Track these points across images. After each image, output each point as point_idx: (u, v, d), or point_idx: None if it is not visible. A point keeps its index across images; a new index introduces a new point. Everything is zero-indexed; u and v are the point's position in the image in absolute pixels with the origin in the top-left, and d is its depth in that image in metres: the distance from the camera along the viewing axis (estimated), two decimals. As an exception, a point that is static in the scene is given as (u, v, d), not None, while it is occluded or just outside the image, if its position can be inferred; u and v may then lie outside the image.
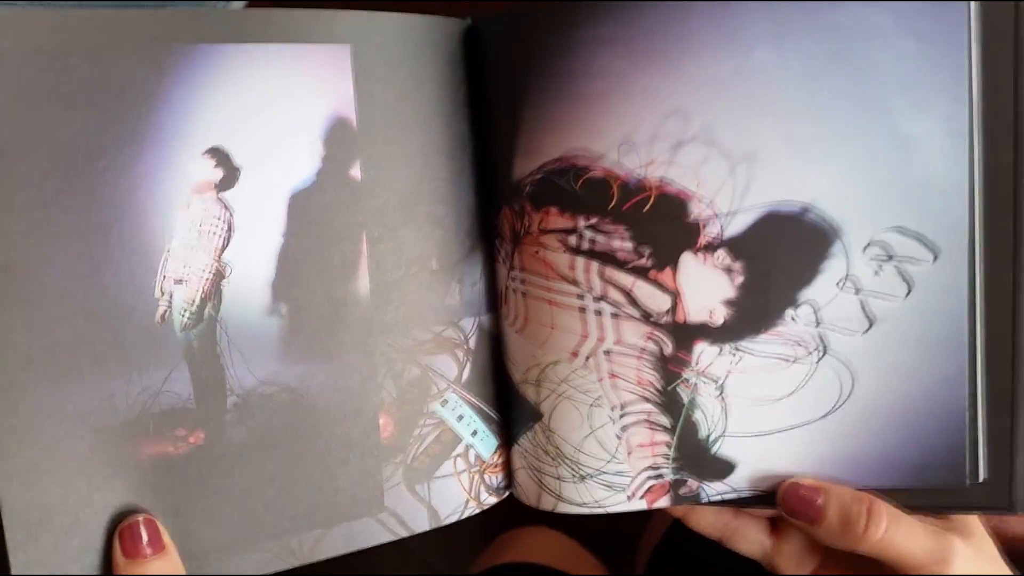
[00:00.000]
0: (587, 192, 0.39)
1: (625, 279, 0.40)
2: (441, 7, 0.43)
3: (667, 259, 0.39)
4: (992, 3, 0.36)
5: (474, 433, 0.45)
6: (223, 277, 0.39)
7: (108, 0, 0.38)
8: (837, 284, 0.39)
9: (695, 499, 0.42)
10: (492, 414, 0.45)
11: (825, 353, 0.39)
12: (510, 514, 0.40)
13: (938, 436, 0.40)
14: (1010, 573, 0.41)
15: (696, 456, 0.41)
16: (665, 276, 0.39)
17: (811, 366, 0.40)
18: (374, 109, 0.40)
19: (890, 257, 0.38)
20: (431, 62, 0.41)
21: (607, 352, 0.41)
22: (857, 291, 0.39)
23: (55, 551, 0.38)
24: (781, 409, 0.40)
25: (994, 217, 0.38)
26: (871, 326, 0.39)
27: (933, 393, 0.40)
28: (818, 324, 0.39)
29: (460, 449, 0.44)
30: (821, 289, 0.39)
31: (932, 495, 0.41)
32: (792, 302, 0.39)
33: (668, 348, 0.40)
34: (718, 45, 0.37)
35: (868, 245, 0.38)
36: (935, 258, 0.38)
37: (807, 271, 0.39)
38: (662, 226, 0.39)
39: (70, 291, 0.37)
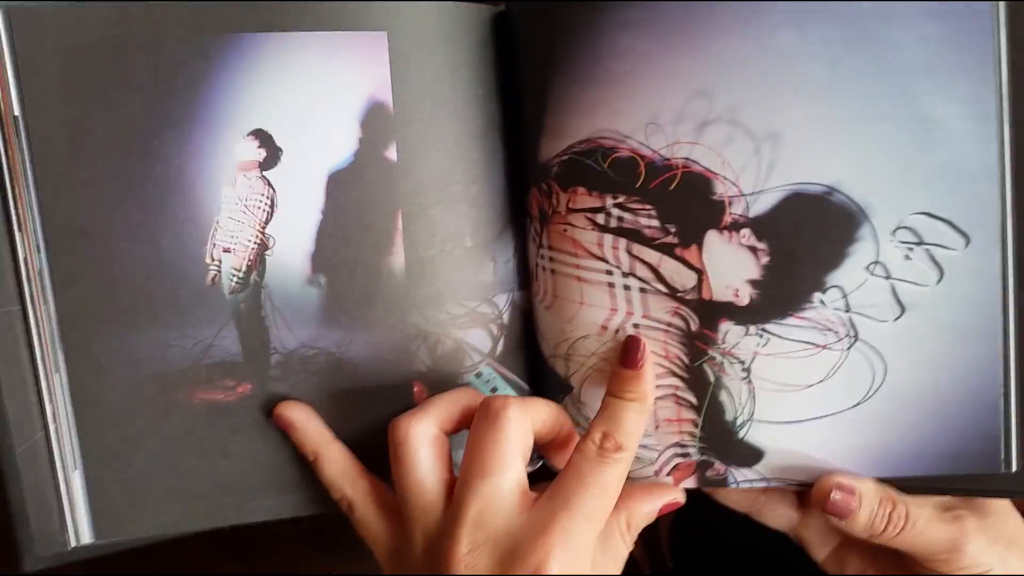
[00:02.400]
0: (615, 171, 0.45)
1: (652, 255, 0.45)
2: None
3: (693, 236, 0.44)
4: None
5: (507, 406, 0.50)
6: (267, 248, 0.47)
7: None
8: (867, 268, 0.43)
9: (722, 483, 0.47)
10: (525, 387, 0.51)
11: (856, 339, 0.43)
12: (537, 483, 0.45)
13: (972, 425, 0.44)
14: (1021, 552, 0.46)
15: (723, 438, 0.46)
16: (691, 253, 0.44)
17: (841, 353, 0.44)
18: (409, 93, 0.47)
19: (920, 242, 0.42)
20: (463, 47, 0.48)
21: (636, 326, 0.46)
22: (887, 276, 0.43)
23: (123, 474, 0.48)
24: (811, 397, 0.45)
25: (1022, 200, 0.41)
26: (903, 312, 0.43)
27: (967, 382, 0.43)
28: (847, 309, 0.43)
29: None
30: (849, 273, 0.43)
31: (964, 480, 0.45)
32: (819, 285, 0.43)
33: (694, 324, 0.45)
34: (741, 27, 0.42)
35: (897, 229, 0.42)
36: (967, 243, 0.42)
37: (834, 254, 0.43)
38: (688, 204, 0.44)
39: (130, 254, 0.46)
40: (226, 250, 0.47)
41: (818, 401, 0.44)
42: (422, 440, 0.45)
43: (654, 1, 0.43)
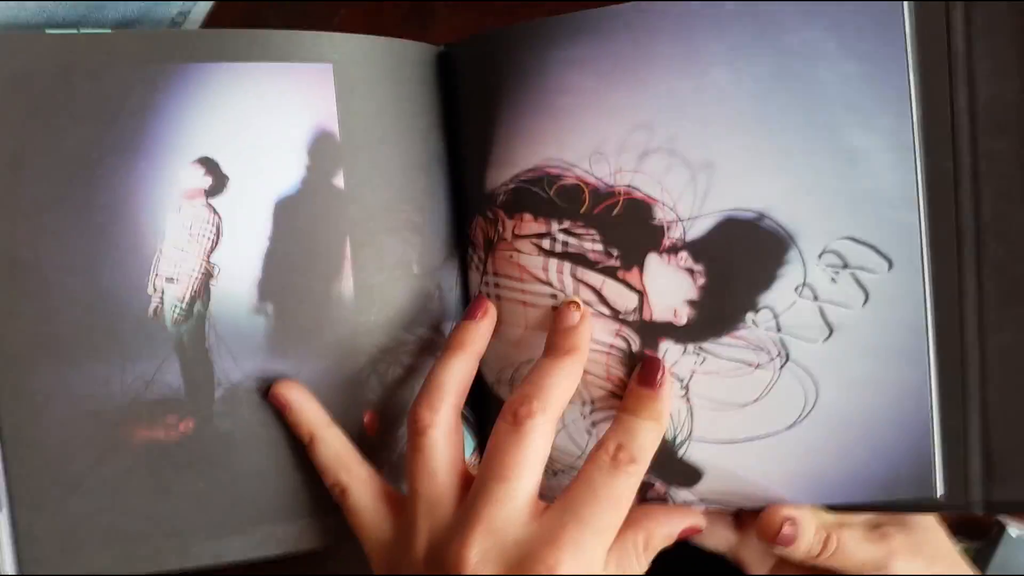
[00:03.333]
0: (560, 198, 0.48)
1: (595, 278, 0.48)
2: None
3: (634, 259, 0.47)
4: (925, 22, 0.44)
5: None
6: (211, 277, 0.48)
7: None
8: (795, 290, 0.46)
9: (662, 503, 0.49)
10: (469, 415, 0.52)
11: (787, 360, 0.46)
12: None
13: (904, 450, 0.46)
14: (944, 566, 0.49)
15: (664, 457, 0.48)
16: (632, 276, 0.47)
17: (774, 372, 0.47)
18: (355, 123, 0.49)
19: (845, 265, 0.46)
20: (406, 82, 0.51)
21: (577, 349, 0.48)
22: (815, 298, 0.46)
23: (57, 517, 0.46)
24: (747, 416, 0.47)
25: (938, 226, 0.45)
26: (831, 334, 0.46)
27: (897, 405, 0.46)
28: (779, 330, 0.46)
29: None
30: (780, 294, 0.46)
31: (897, 505, 0.47)
32: (752, 306, 0.46)
33: (635, 345, 0.48)
34: (679, 65, 0.46)
35: (823, 253, 0.46)
36: (889, 267, 0.45)
37: (765, 276, 0.46)
38: (629, 229, 0.47)
39: (70, 285, 0.46)
40: (169, 280, 0.47)
41: (754, 421, 0.47)
42: (442, 430, 0.46)
43: (598, 40, 0.47)
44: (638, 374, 0.47)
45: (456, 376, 0.47)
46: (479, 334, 0.49)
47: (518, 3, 0.53)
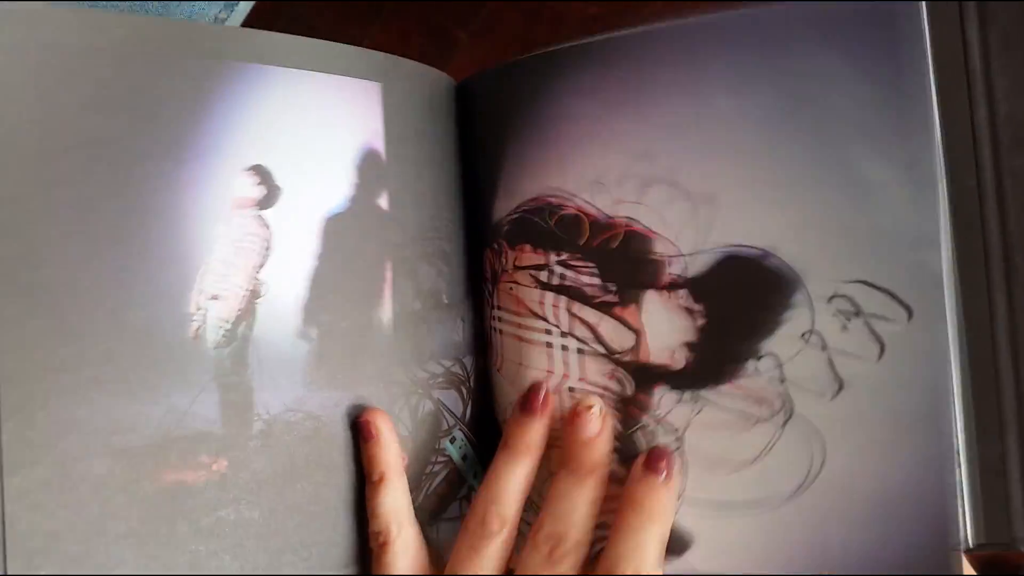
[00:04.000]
0: (560, 229, 0.47)
1: (592, 315, 0.46)
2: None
3: (632, 296, 0.45)
4: (941, 42, 0.40)
5: (475, 475, 0.50)
6: (258, 296, 0.44)
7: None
8: (802, 337, 0.42)
9: None
10: (474, 440, 0.51)
11: (791, 415, 0.42)
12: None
13: (924, 533, 0.41)
14: None
15: (652, 522, 0.44)
16: (629, 313, 0.45)
17: (776, 428, 0.43)
18: (399, 145, 0.49)
19: (858, 312, 0.41)
20: (437, 110, 0.51)
21: (571, 389, 0.46)
22: (823, 347, 0.42)
23: None
24: (746, 478, 0.43)
25: (966, 272, 0.40)
26: (840, 389, 0.41)
27: (917, 477, 0.41)
28: (782, 380, 0.42)
29: (464, 491, 0.50)
30: (784, 341, 0.42)
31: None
32: (754, 352, 0.43)
33: (630, 388, 0.45)
34: (680, 92, 0.44)
35: (832, 297, 0.42)
36: (909, 317, 0.41)
37: (769, 319, 0.43)
38: (628, 263, 0.45)
39: (101, 299, 0.40)
40: (214, 297, 0.42)
41: (752, 483, 0.43)
42: (504, 539, 0.45)
43: (601, 68, 0.46)
44: (646, 459, 0.44)
45: (525, 483, 0.46)
46: (542, 434, 0.47)
47: (540, 34, 0.53)
